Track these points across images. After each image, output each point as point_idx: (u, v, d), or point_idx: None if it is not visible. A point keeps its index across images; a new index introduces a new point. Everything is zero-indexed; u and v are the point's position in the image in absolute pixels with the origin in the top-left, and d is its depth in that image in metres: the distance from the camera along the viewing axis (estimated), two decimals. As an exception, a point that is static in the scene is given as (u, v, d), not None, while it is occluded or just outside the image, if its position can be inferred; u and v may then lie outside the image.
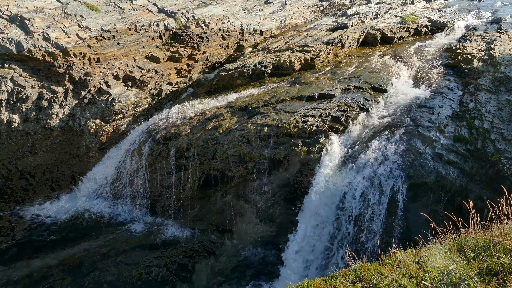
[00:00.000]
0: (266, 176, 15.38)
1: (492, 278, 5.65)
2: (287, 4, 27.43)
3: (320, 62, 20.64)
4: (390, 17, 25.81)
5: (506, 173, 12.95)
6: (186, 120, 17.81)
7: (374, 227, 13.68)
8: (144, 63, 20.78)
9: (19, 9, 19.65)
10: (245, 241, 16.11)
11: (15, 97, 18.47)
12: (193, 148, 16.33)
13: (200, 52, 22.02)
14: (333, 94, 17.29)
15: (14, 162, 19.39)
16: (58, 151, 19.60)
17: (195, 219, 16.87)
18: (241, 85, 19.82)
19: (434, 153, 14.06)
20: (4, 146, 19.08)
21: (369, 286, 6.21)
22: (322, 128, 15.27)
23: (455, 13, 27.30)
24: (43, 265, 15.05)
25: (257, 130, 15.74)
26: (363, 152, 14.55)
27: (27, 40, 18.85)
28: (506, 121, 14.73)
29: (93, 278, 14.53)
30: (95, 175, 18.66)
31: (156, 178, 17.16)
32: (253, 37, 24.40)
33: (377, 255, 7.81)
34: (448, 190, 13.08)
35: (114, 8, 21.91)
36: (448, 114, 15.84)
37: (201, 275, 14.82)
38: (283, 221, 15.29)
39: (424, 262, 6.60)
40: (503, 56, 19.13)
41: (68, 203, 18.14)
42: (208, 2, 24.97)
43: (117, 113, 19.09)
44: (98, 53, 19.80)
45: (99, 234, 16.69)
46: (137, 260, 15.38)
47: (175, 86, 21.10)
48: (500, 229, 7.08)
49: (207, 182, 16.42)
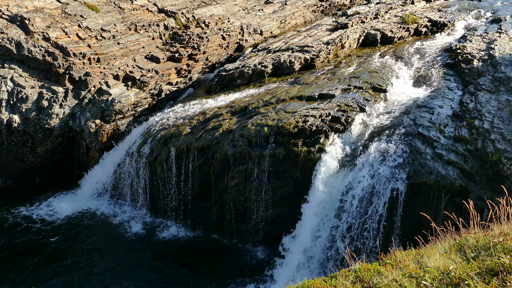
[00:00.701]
0: (266, 176, 15.38)
1: (492, 278, 5.65)
2: (287, 4, 27.43)
3: (320, 62, 20.65)
4: (390, 17, 25.80)
5: (506, 173, 12.95)
6: (186, 120, 17.80)
7: (374, 227, 13.69)
8: (144, 63, 20.79)
9: (19, 9, 19.66)
10: (245, 241, 16.11)
11: (15, 97, 18.48)
12: (193, 148, 16.33)
13: (200, 52, 22.02)
14: (333, 94, 17.29)
15: (14, 162, 19.42)
16: (58, 151, 19.61)
17: (195, 219, 16.87)
18: (241, 85, 19.81)
19: (434, 153, 14.05)
20: (4, 146, 19.09)
21: (369, 286, 6.21)
22: (322, 128, 15.27)
23: (455, 13, 27.29)
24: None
25: (257, 130, 15.73)
26: (363, 152, 14.55)
27: (27, 40, 18.86)
28: (506, 121, 14.72)
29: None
30: (95, 175, 18.64)
31: (157, 178, 17.16)
32: (253, 37, 24.41)
33: (377, 255, 7.81)
34: (448, 190, 13.08)
35: (114, 8, 21.92)
36: (448, 114, 15.84)
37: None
38: (283, 221, 15.29)
39: (424, 262, 6.60)
40: (503, 56, 19.13)
41: (68, 203, 18.13)
42: (208, 2, 24.97)
43: (117, 113, 19.09)
44: (98, 53, 19.81)
45: (99, 234, 16.69)
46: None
47: (175, 86, 21.11)
48: (500, 229, 7.09)
49: (207, 182, 16.42)
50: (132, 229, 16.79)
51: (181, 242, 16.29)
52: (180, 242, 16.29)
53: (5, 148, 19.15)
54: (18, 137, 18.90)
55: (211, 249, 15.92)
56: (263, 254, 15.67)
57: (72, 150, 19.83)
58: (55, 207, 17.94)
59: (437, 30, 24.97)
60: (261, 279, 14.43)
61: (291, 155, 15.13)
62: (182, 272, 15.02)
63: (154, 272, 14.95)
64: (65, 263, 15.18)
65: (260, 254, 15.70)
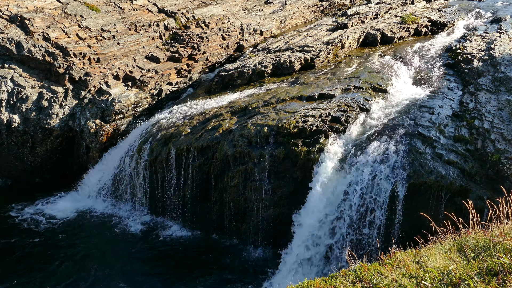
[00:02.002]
0: (266, 176, 15.38)
1: (492, 278, 5.65)
2: (287, 4, 27.43)
3: (320, 62, 20.64)
4: (390, 17, 25.80)
5: (506, 173, 12.95)
6: (186, 120, 17.80)
7: (374, 227, 13.69)
8: (144, 63, 20.79)
9: (19, 9, 19.66)
10: (245, 241, 16.11)
11: (15, 97, 18.48)
12: (193, 148, 16.33)
13: (200, 52, 22.03)
14: (333, 94, 17.30)
15: (14, 162, 19.42)
16: (58, 151, 19.61)
17: (195, 219, 16.87)
18: (241, 85, 19.81)
19: (434, 153, 14.05)
20: (4, 146, 19.09)
21: (369, 286, 6.21)
22: (322, 128, 15.27)
23: (455, 13, 27.29)
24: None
25: (257, 130, 15.74)
26: (363, 152, 14.55)
27: (27, 40, 18.86)
28: (506, 121, 14.72)
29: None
30: (95, 175, 18.65)
31: (157, 178, 17.16)
32: (253, 37, 24.41)
33: (377, 255, 7.82)
34: (448, 190, 13.08)
35: (114, 8, 21.92)
36: (448, 114, 15.84)
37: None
38: (283, 221, 15.28)
39: (424, 262, 6.61)
40: (503, 56, 19.13)
41: (68, 203, 18.13)
42: (208, 2, 24.98)
43: (117, 113, 19.09)
44: (98, 53, 19.81)
45: (99, 233, 16.69)
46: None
47: (175, 86, 21.11)
48: (500, 229, 7.09)
49: (207, 182, 16.42)
50: (131, 229, 16.79)
51: (181, 242, 16.29)
52: (180, 242, 16.29)
53: (5, 148, 19.15)
54: (18, 137, 18.90)
55: (211, 249, 15.91)
56: (263, 254, 15.67)
57: (72, 150, 19.83)
58: (55, 207, 17.94)
59: (437, 30, 24.98)
60: (261, 279, 14.43)
61: (291, 155, 15.13)
62: (182, 272, 15.01)
63: (153, 272, 14.95)
64: (65, 263, 15.19)
65: (260, 254, 15.69)
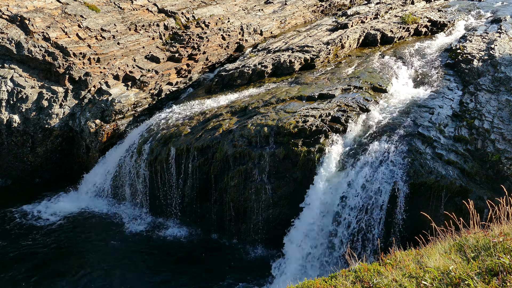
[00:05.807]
0: (266, 176, 15.38)
1: (492, 278, 5.66)
2: (287, 4, 27.43)
3: (320, 62, 20.64)
4: (390, 17, 25.80)
5: (506, 173, 12.95)
6: (186, 120, 17.80)
7: (374, 227, 13.69)
8: (144, 63, 20.79)
9: (19, 9, 19.65)
10: (245, 241, 16.11)
11: (15, 97, 18.48)
12: (193, 148, 16.33)
13: (200, 52, 22.03)
14: (333, 94, 17.30)
15: (14, 162, 19.41)
16: (58, 151, 19.61)
17: (195, 219, 16.87)
18: (241, 85, 19.80)
19: (434, 153, 14.06)
20: (4, 146, 19.09)
21: (369, 286, 6.22)
22: (322, 128, 15.27)
23: (455, 13, 27.30)
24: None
25: (257, 130, 15.74)
26: (363, 152, 14.56)
27: (27, 40, 18.86)
28: (506, 121, 14.73)
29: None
30: (95, 175, 18.65)
31: (156, 178, 17.16)
32: (253, 37, 24.41)
33: (377, 255, 7.82)
34: (448, 190, 13.08)
35: (114, 8, 21.92)
36: (448, 114, 15.85)
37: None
38: (283, 221, 15.29)
39: (424, 262, 6.61)
40: (503, 56, 19.13)
41: (68, 203, 18.13)
42: (208, 2, 24.98)
43: (117, 113, 19.10)
44: (98, 53, 19.82)
45: (99, 233, 16.69)
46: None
47: (175, 86, 21.11)
48: (500, 229, 7.10)
49: (207, 182, 16.42)
50: (131, 229, 16.78)
51: (180, 242, 16.29)
52: (180, 242, 16.29)
53: (5, 148, 19.15)
54: (18, 137, 18.91)
55: (211, 249, 15.92)
56: (263, 254, 15.66)
57: (72, 150, 19.83)
58: (55, 207, 17.94)
59: (437, 30, 24.98)
60: (261, 279, 14.43)
61: (291, 155, 15.13)
62: (182, 272, 15.01)
63: (153, 272, 14.95)
64: (65, 262, 15.19)
65: (260, 254, 15.69)
